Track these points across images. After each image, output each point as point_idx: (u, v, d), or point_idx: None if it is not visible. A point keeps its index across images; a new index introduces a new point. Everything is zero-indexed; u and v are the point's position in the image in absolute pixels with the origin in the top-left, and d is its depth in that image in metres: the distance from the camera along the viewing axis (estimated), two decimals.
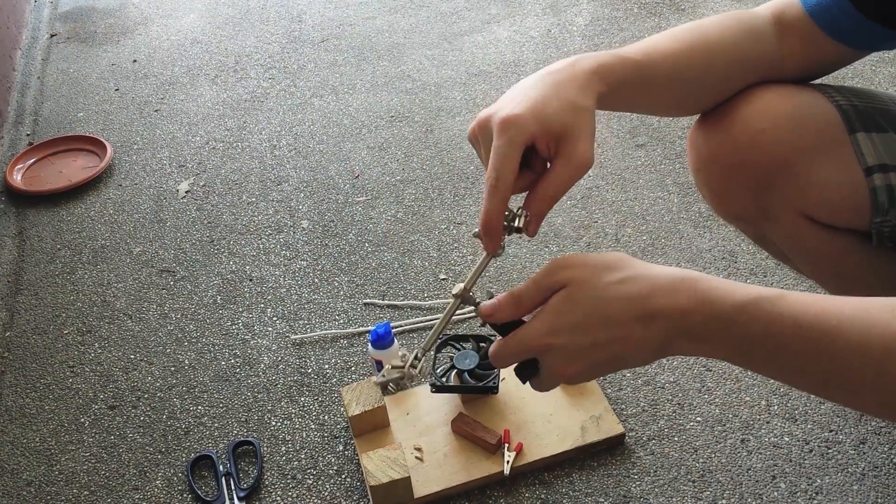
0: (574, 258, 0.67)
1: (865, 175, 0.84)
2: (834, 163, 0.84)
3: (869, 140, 0.84)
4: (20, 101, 2.28)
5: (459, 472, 1.17)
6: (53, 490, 1.25)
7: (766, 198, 0.87)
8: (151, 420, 1.34)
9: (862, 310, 0.58)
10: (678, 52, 0.81)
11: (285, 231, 1.71)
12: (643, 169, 1.74)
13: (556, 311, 0.66)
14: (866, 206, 0.85)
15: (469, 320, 1.44)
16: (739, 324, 0.61)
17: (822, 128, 0.84)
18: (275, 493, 1.21)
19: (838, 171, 0.84)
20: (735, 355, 0.63)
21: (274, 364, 1.41)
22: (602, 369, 0.68)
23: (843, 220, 0.88)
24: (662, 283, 0.64)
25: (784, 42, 0.84)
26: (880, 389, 0.57)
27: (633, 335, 0.64)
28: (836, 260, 0.92)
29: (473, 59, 2.22)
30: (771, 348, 0.60)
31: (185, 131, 2.07)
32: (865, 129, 0.84)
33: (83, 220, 1.81)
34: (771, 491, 1.13)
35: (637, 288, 0.64)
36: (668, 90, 0.82)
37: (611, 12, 2.33)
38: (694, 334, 0.63)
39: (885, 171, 0.84)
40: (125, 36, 2.58)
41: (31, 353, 1.49)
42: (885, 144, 0.84)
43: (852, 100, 0.86)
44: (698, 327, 0.63)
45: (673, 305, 0.63)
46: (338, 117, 2.05)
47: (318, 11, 2.58)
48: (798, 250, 0.94)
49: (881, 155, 0.83)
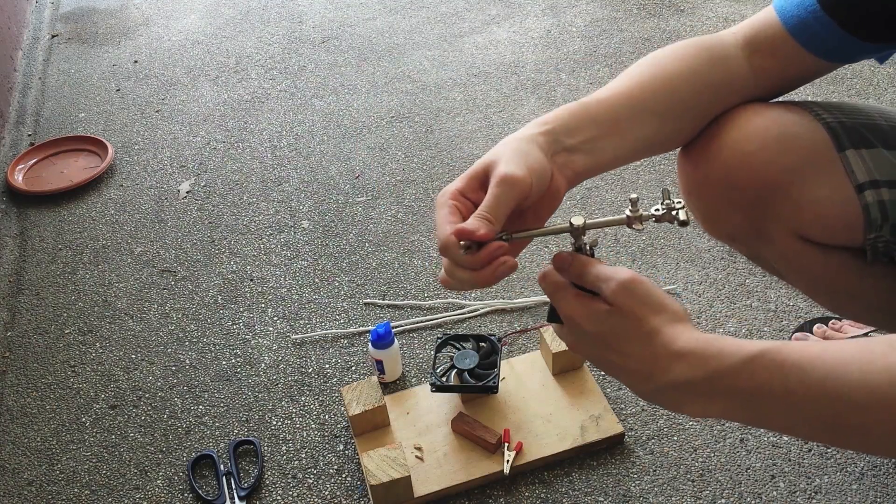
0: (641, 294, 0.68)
1: (857, 192, 0.84)
2: (825, 181, 0.84)
3: (858, 157, 0.84)
4: (21, 102, 2.28)
5: (459, 471, 1.17)
6: (54, 489, 1.26)
7: (759, 219, 0.87)
8: (152, 419, 1.34)
9: (860, 347, 0.60)
10: (635, 87, 0.81)
11: (286, 231, 1.71)
12: (643, 169, 1.75)
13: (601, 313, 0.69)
14: (859, 222, 0.85)
15: (469, 320, 1.45)
16: (745, 378, 0.62)
17: (811, 147, 0.84)
18: (275, 493, 1.21)
19: (830, 190, 0.84)
20: (743, 413, 0.64)
21: (274, 364, 1.42)
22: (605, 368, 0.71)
23: (837, 238, 0.88)
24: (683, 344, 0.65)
25: (756, 62, 0.84)
26: (888, 423, 0.58)
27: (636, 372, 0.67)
28: (832, 277, 0.92)
29: (473, 59, 2.22)
30: (778, 401, 0.61)
31: (186, 132, 2.08)
32: (854, 145, 0.84)
33: (84, 220, 1.81)
34: (770, 490, 1.14)
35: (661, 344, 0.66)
36: (638, 128, 0.81)
37: (610, 13, 2.33)
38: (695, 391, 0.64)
39: (876, 187, 0.84)
40: (126, 37, 2.58)
41: (33, 352, 1.50)
42: (874, 160, 0.84)
43: (839, 116, 0.85)
44: (700, 386, 0.64)
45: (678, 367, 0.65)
46: (338, 118, 2.06)
47: (319, 12, 2.58)
48: (793, 269, 0.94)
49: (871, 171, 0.83)
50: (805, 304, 1.39)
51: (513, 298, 1.47)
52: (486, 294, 1.49)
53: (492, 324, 1.44)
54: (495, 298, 1.48)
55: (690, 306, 1.42)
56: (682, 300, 1.43)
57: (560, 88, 2.04)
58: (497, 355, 1.26)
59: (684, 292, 1.45)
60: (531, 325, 1.41)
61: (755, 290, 1.44)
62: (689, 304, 1.43)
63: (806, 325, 1.33)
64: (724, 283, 1.46)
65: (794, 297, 1.41)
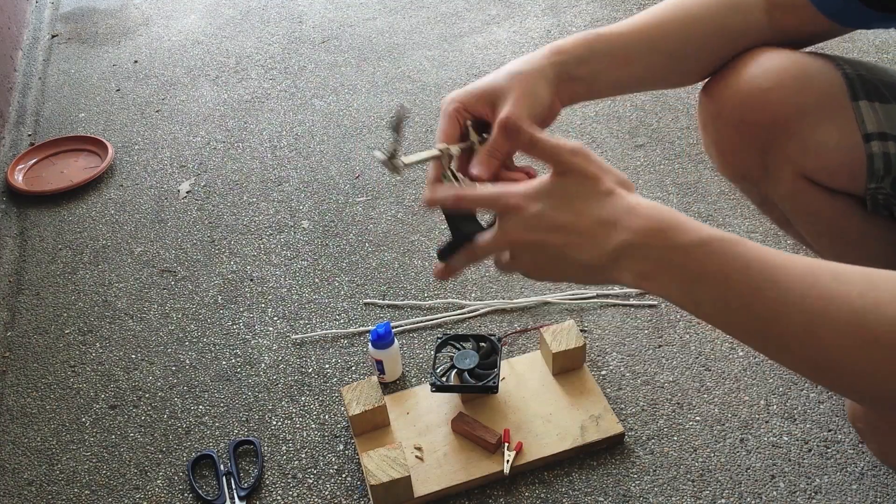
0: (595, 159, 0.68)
1: (864, 141, 0.85)
2: (834, 126, 0.86)
3: (871, 108, 0.85)
4: (21, 102, 2.28)
5: (459, 471, 1.17)
6: (54, 489, 1.26)
7: (769, 157, 0.89)
8: (152, 419, 1.34)
9: (809, 270, 0.60)
10: (652, 23, 0.86)
11: (286, 231, 1.71)
12: (643, 169, 1.75)
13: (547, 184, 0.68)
14: (862, 171, 0.87)
15: (469, 320, 1.45)
16: (696, 258, 0.62)
17: (826, 90, 0.86)
18: (275, 493, 1.21)
19: (838, 135, 0.86)
20: (679, 291, 0.63)
21: (274, 364, 1.42)
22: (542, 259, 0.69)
23: (840, 183, 0.90)
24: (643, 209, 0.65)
25: (776, 16, 0.86)
26: (807, 348, 0.59)
27: (590, 232, 0.65)
28: (834, 223, 0.94)
29: (473, 60, 2.23)
30: (716, 286, 0.61)
31: (186, 132, 2.08)
32: (868, 97, 0.86)
33: (84, 220, 1.82)
34: (770, 490, 1.14)
35: (621, 202, 0.66)
36: (649, 61, 0.87)
37: (610, 13, 2.33)
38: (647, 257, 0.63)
39: (884, 139, 0.85)
40: (126, 37, 2.58)
41: (33, 352, 1.50)
42: (886, 114, 0.86)
43: (860, 70, 0.87)
44: (654, 252, 0.63)
45: (639, 224, 0.64)
46: (338, 118, 2.06)
47: (319, 12, 2.58)
48: (797, 211, 0.96)
49: (882, 123, 0.85)
50: None
51: (513, 298, 1.47)
52: (486, 294, 1.49)
53: (492, 324, 1.44)
54: (495, 298, 1.48)
55: None
56: None
57: None
58: (497, 355, 1.26)
59: None
60: (531, 325, 1.41)
61: None
62: None
63: None
64: None
65: None
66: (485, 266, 1.55)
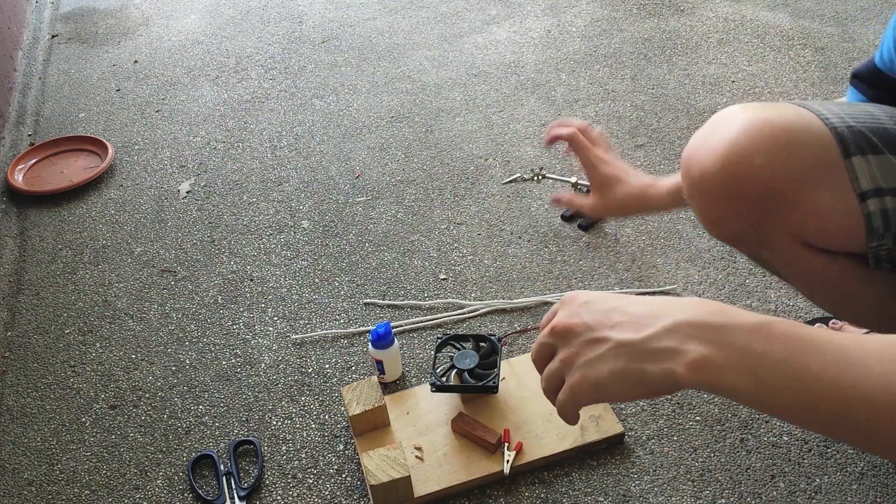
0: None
1: (860, 200, 0.83)
2: (829, 190, 0.83)
3: (865, 163, 0.83)
4: (21, 102, 2.28)
5: (459, 471, 1.17)
6: (54, 489, 1.26)
7: (762, 225, 0.87)
8: (152, 419, 1.34)
9: (883, 345, 0.56)
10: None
11: (286, 231, 1.71)
12: (643, 169, 1.75)
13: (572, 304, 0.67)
14: (862, 231, 0.85)
15: (469, 320, 1.45)
16: (761, 339, 0.57)
17: (819, 155, 0.83)
18: (275, 493, 1.21)
19: (834, 198, 0.83)
20: (745, 378, 0.57)
21: (274, 364, 1.42)
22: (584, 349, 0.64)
23: (839, 244, 0.88)
24: (676, 299, 0.63)
25: None
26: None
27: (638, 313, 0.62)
28: (833, 282, 0.92)
29: (473, 59, 2.22)
30: (789, 368, 0.56)
31: (186, 132, 2.08)
32: (861, 152, 0.83)
33: (84, 220, 1.82)
34: (770, 490, 1.14)
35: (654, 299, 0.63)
36: None
37: (610, 13, 2.33)
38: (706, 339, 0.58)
39: (880, 195, 0.83)
40: (126, 37, 2.58)
41: (33, 352, 1.50)
42: (880, 167, 0.83)
43: (847, 120, 0.85)
44: (713, 333, 0.58)
45: (694, 304, 0.61)
46: (338, 118, 2.06)
47: (319, 12, 2.58)
48: (795, 274, 0.94)
49: (876, 179, 0.83)
50: (805, 305, 1.39)
51: (513, 298, 1.47)
52: (486, 294, 1.49)
53: (492, 324, 1.44)
54: (495, 298, 1.48)
55: None
56: None
57: (560, 88, 2.04)
58: (497, 355, 1.26)
59: (684, 292, 1.45)
60: (531, 325, 1.41)
61: (755, 290, 1.44)
62: None
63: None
64: (724, 283, 1.46)
65: (794, 297, 1.41)
66: (484, 266, 1.55)
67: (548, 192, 1.71)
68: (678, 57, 2.11)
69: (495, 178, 1.77)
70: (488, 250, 1.59)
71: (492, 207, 1.70)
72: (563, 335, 0.67)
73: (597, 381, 0.63)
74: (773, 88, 1.95)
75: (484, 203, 1.71)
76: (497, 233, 1.63)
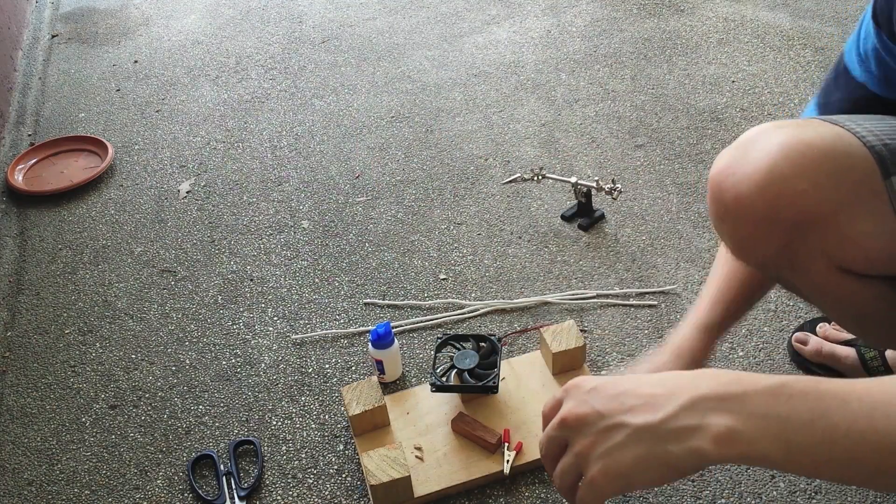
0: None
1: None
2: (871, 214, 0.80)
3: None
4: (21, 102, 2.28)
5: (459, 471, 1.17)
6: (54, 489, 1.26)
7: (796, 249, 0.83)
8: (152, 419, 1.34)
9: None
10: None
11: (286, 231, 1.71)
12: (642, 169, 1.75)
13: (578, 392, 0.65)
14: None
15: (469, 320, 1.45)
16: (781, 402, 0.55)
17: (860, 179, 0.80)
18: (275, 493, 1.21)
19: (875, 222, 0.80)
20: (773, 443, 0.55)
21: (274, 364, 1.42)
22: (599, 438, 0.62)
23: (878, 268, 0.85)
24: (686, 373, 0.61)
25: None
26: None
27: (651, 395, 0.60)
28: (865, 306, 0.89)
29: (473, 59, 2.23)
30: (816, 425, 0.55)
31: (186, 132, 2.08)
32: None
33: (84, 220, 1.82)
34: (770, 490, 1.14)
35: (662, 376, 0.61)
36: None
37: (610, 13, 2.33)
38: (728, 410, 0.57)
39: None
40: (126, 37, 2.58)
41: (33, 352, 1.50)
42: None
43: (882, 137, 0.82)
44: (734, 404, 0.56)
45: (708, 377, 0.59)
46: (338, 118, 2.06)
47: (319, 12, 2.59)
48: (825, 298, 0.91)
49: None
50: (805, 305, 1.39)
51: (513, 298, 1.47)
52: (486, 294, 1.49)
53: (492, 324, 1.44)
54: (495, 298, 1.48)
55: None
56: (682, 300, 1.43)
57: (560, 88, 2.04)
58: (497, 355, 1.26)
59: (684, 292, 1.45)
60: (531, 325, 1.41)
61: None
62: (689, 305, 1.43)
63: (806, 324, 1.33)
64: None
65: (795, 297, 1.41)
66: (484, 266, 1.55)
67: (548, 191, 1.71)
68: (678, 57, 2.11)
69: (495, 178, 1.77)
70: (488, 250, 1.59)
71: (492, 207, 1.70)
72: (574, 426, 0.64)
73: (620, 471, 0.60)
74: (773, 88, 1.95)
75: (484, 203, 1.71)
76: (497, 233, 1.63)
